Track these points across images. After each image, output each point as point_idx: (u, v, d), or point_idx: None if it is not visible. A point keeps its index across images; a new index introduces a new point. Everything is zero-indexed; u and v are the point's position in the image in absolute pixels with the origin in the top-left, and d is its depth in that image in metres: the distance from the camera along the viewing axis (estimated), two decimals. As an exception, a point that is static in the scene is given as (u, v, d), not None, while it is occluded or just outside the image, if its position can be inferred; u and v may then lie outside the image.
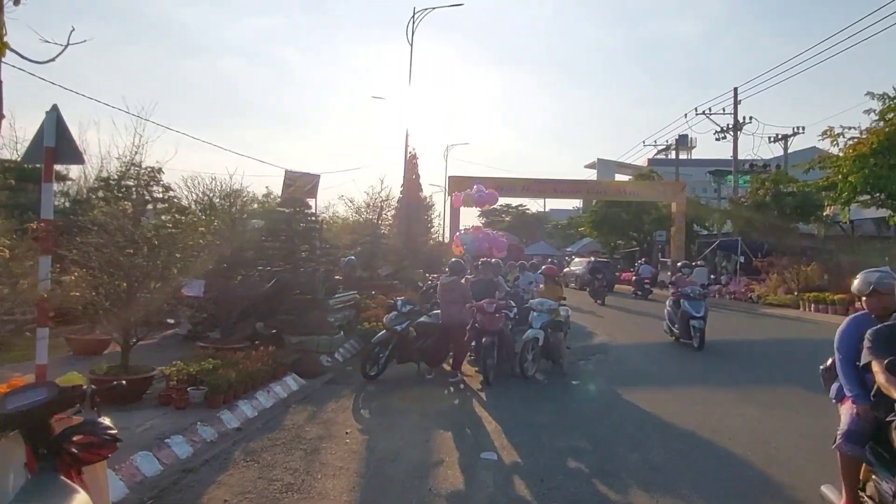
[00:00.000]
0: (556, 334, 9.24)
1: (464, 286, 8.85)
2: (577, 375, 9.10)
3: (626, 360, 10.59)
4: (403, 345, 8.72)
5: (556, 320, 9.24)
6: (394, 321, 8.62)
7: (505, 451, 5.43)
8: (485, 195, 19.90)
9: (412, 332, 8.92)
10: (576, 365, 9.92)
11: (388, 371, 8.70)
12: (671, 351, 11.61)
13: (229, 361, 6.99)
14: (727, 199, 31.78)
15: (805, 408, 7.03)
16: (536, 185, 33.62)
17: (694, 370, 9.73)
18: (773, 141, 32.89)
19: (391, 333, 8.57)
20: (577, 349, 11.55)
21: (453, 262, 8.95)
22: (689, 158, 55.42)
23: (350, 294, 12.78)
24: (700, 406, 7.17)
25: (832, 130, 17.96)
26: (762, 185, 26.33)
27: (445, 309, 8.68)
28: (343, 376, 8.89)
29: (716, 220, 31.11)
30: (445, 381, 8.41)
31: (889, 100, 16.50)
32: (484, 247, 18.09)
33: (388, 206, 32.18)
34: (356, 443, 5.65)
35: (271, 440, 5.65)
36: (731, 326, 15.64)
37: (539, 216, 72.68)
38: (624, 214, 38.37)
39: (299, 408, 6.96)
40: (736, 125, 31.16)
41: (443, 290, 8.78)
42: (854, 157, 16.83)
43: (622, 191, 34.11)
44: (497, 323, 8.62)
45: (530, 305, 9.34)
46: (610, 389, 8.10)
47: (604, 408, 7.18)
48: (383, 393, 7.84)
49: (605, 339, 13.12)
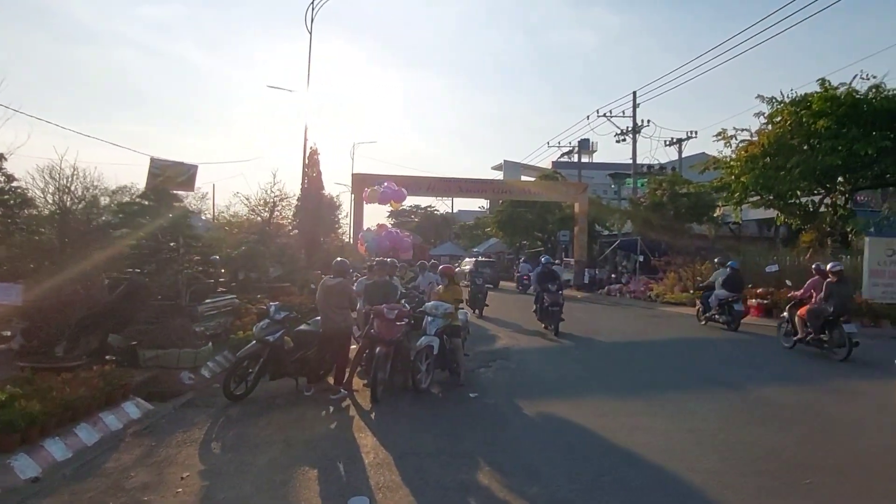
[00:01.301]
0: (454, 340, 8.35)
1: (350, 289, 7.77)
2: (475, 386, 8.26)
3: (527, 366, 9.88)
4: (278, 357, 7.51)
5: (453, 325, 8.34)
6: (265, 330, 7.39)
7: (381, 493, 4.42)
8: (391, 192, 18.83)
9: (289, 342, 7.74)
10: (475, 373, 9.09)
11: (260, 389, 7.48)
12: (574, 353, 11.07)
13: (39, 388, 5.52)
14: (628, 199, 32.59)
15: (711, 415, 6.56)
16: (442, 184, 33.01)
17: (598, 376, 9.17)
18: (669, 144, 34.11)
19: (262, 345, 7.33)
20: (478, 355, 10.77)
21: (337, 262, 7.82)
22: (590, 162, 57.08)
23: (227, 298, 11.32)
24: (606, 419, 6.50)
25: (725, 132, 18.43)
26: (660, 185, 27.04)
27: (326, 315, 7.55)
28: (205, 397, 7.53)
29: (617, 221, 31.80)
30: (327, 399, 7.30)
31: (777, 103, 17.06)
32: (386, 245, 17.04)
33: (287, 203, 30.47)
34: (191, 492, 4.44)
35: (76, 494, 4.32)
36: (632, 325, 15.51)
37: (447, 217, 72.56)
38: (529, 215, 38.63)
39: (134, 443, 5.62)
40: (635, 128, 31.97)
41: (324, 293, 7.63)
42: (746, 159, 17.29)
43: (527, 191, 34.21)
44: (396, 332, 7.61)
45: (425, 309, 8.39)
46: (510, 402, 7.29)
47: (502, 426, 6.35)
48: (247, 417, 6.60)
49: (507, 342, 12.44)
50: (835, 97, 15.56)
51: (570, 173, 44.92)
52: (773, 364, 10.07)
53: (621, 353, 11.37)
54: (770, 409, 7.02)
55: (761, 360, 10.32)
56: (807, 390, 8.09)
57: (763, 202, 18.39)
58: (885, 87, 15.45)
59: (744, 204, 19.22)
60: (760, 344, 12.36)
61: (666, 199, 26.29)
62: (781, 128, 16.93)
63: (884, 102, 15.10)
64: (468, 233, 62.70)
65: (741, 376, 8.91)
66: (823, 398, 7.62)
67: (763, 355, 10.88)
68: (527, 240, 42.95)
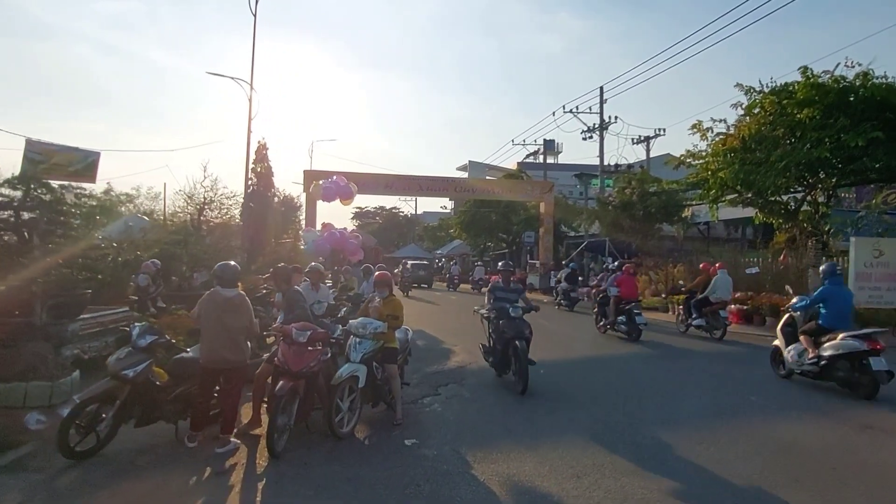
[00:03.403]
0: (388, 368, 6.54)
1: (249, 306, 5.86)
2: (415, 425, 6.45)
3: (485, 393, 8.10)
4: (145, 397, 5.56)
5: (387, 348, 6.53)
6: (123, 362, 5.42)
7: None
8: (337, 188, 16.90)
9: (162, 375, 5.79)
10: (418, 406, 7.28)
11: (126, 438, 5.53)
12: (542, 377, 9.14)
13: None
14: (595, 198, 31.30)
15: (731, 472, 4.89)
16: (401, 182, 31.19)
17: (571, 408, 7.42)
18: (637, 143, 32.95)
19: (118, 382, 5.38)
20: (426, 377, 8.97)
21: (225, 266, 5.87)
22: (556, 163, 55.96)
23: (119, 311, 9.25)
24: (585, 481, 4.77)
25: (701, 125, 17.05)
26: (628, 184, 25.75)
27: (212, 341, 5.61)
28: (54, 447, 5.50)
29: (584, 221, 30.47)
30: (210, 453, 5.40)
31: (756, 93, 15.74)
32: (325, 248, 15.12)
33: (235, 201, 28.16)
34: None
35: None
36: (607, 337, 13.91)
37: (411, 219, 70.80)
38: (493, 215, 37.21)
39: None
40: (602, 123, 30.70)
41: (212, 309, 5.68)
42: (724, 152, 15.92)
43: (490, 190, 32.75)
44: (306, 361, 5.71)
45: (349, 328, 6.53)
46: (456, 454, 5.48)
47: (443, 496, 4.55)
48: (82, 487, 4.66)
49: (462, 358, 10.66)
50: (821, 85, 14.28)
51: (536, 174, 43.61)
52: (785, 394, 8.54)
53: (600, 376, 9.67)
54: (813, 464, 5.39)
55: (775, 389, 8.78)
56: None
57: (741, 200, 17.06)
58: (873, 74, 14.25)
59: (720, 202, 17.87)
60: (758, 360, 10.88)
61: (635, 198, 24.99)
62: (762, 119, 15.60)
63: (873, 90, 13.87)
64: (432, 234, 60.96)
65: (752, 408, 7.32)
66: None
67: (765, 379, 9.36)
68: (491, 241, 41.46)
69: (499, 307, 8.39)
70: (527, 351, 7.82)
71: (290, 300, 6.75)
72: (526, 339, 7.97)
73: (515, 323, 8.06)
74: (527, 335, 8.01)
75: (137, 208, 32.96)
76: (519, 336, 7.94)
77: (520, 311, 8.17)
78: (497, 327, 8.38)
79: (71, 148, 10.89)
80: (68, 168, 10.76)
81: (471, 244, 43.53)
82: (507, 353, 8.15)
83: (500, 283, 8.86)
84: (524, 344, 7.89)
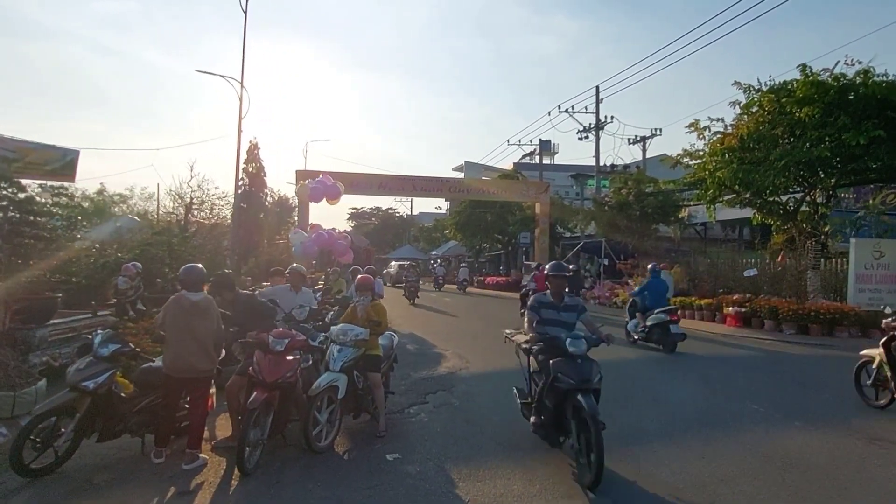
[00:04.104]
0: (371, 376, 6.18)
1: (217, 312, 5.50)
2: (399, 437, 6.10)
3: (475, 402, 7.75)
4: (110, 409, 5.20)
5: (370, 356, 6.18)
6: (83, 372, 5.06)
7: None
8: (324, 187, 16.53)
9: (126, 386, 5.43)
10: (403, 416, 6.93)
11: (88, 453, 5.18)
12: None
13: None
14: (591, 199, 30.98)
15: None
16: (396, 182, 30.81)
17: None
18: (633, 143, 32.67)
19: (77, 394, 5.01)
20: (415, 383, 8.63)
21: (185, 269, 5.50)
22: (552, 163, 55.63)
23: (94, 316, 8.87)
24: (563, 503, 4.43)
25: (698, 123, 16.72)
26: (625, 184, 25.43)
27: (178, 348, 5.24)
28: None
29: (580, 222, 30.14)
30: (177, 469, 5.03)
31: (754, 91, 15.43)
32: (313, 250, 14.75)
33: (227, 202, 27.77)
34: None
35: None
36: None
37: (407, 219, 70.45)
38: (488, 216, 36.87)
39: None
40: (598, 123, 30.38)
41: (180, 314, 5.32)
42: (723, 151, 15.60)
43: (486, 190, 32.40)
44: (282, 371, 5.34)
45: (330, 335, 6.18)
46: (440, 471, 5.13)
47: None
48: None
49: (454, 364, 10.31)
50: (821, 83, 13.97)
51: (532, 174, 43.32)
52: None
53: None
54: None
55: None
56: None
57: (739, 200, 16.75)
58: (873, 72, 13.94)
59: (717, 202, 17.56)
60: (757, 365, 10.54)
61: (632, 198, 24.67)
62: (761, 117, 15.29)
63: (874, 88, 13.56)
64: (427, 235, 60.57)
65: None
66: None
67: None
68: (487, 242, 41.11)
69: (548, 338, 5.42)
70: (597, 410, 4.79)
71: (248, 308, 6.22)
72: (595, 392, 5.00)
73: (577, 365, 5.05)
74: (595, 384, 5.02)
75: (131, 209, 32.55)
76: (583, 386, 4.92)
77: (583, 344, 5.19)
78: (546, 368, 5.28)
79: (48, 146, 10.51)
80: (45, 167, 10.36)
81: (466, 245, 43.19)
82: (563, 412, 5.10)
83: (546, 296, 5.80)
84: (592, 401, 4.84)
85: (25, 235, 7.84)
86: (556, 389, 5.09)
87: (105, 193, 31.32)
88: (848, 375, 7.66)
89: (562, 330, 5.52)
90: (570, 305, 5.74)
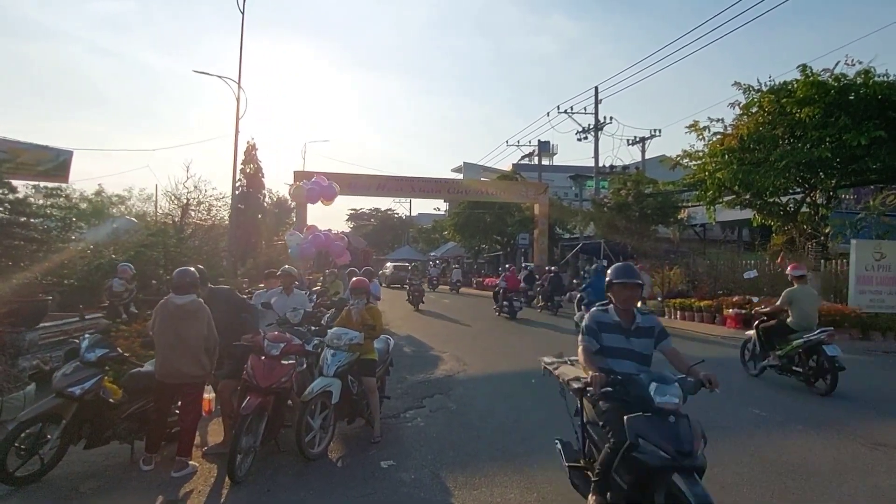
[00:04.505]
0: (366, 381, 6.07)
1: (207, 314, 5.38)
2: (395, 443, 5.98)
3: (472, 405, 7.63)
4: (98, 415, 5.09)
5: (364, 360, 6.07)
6: (70, 378, 4.95)
7: None
8: (319, 188, 16.42)
9: (115, 391, 5.32)
10: (399, 420, 6.82)
11: (75, 460, 5.06)
12: (541, 389, 8.69)
13: None
14: (590, 199, 30.89)
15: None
16: (394, 183, 30.67)
17: (565, 421, 6.95)
18: (632, 143, 32.58)
19: (64, 401, 4.90)
20: (411, 387, 8.52)
21: (177, 272, 5.40)
22: (550, 164, 55.57)
23: (88, 318, 8.74)
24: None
25: (698, 124, 16.63)
26: (624, 185, 25.33)
27: (164, 351, 5.13)
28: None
29: (579, 222, 30.06)
30: (167, 477, 4.92)
31: (754, 91, 15.34)
32: (311, 252, 14.64)
33: (224, 203, 27.65)
34: None
35: None
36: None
37: (406, 220, 70.34)
38: (487, 217, 36.77)
39: None
40: (597, 124, 30.28)
41: (162, 317, 5.19)
42: (722, 152, 15.51)
43: (485, 191, 32.28)
44: (277, 376, 5.23)
45: (324, 340, 6.07)
46: (435, 479, 5.02)
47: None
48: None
49: (451, 366, 10.19)
50: (821, 83, 13.88)
51: (531, 175, 43.23)
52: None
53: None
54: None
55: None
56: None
57: (739, 201, 16.65)
58: (874, 73, 13.85)
59: (717, 203, 17.46)
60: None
61: (631, 199, 24.57)
62: (761, 118, 15.20)
63: (875, 89, 13.48)
64: (425, 236, 60.45)
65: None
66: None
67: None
68: (485, 243, 41.03)
69: (619, 381, 3.59)
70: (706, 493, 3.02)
71: (221, 302, 6.02)
72: (698, 470, 3.19)
73: (670, 427, 3.27)
74: (700, 459, 3.22)
75: (129, 210, 32.45)
76: (683, 463, 3.15)
77: (677, 393, 3.45)
78: (616, 425, 3.44)
79: (40, 146, 10.39)
80: (37, 167, 10.25)
81: (465, 246, 43.09)
82: (647, 496, 3.24)
83: (606, 311, 4.05)
84: (701, 488, 3.05)
85: (16, 237, 7.72)
86: (637, 462, 3.22)
87: (103, 194, 31.20)
88: (851, 377, 7.56)
89: (633, 365, 3.88)
90: (645, 328, 4.00)
